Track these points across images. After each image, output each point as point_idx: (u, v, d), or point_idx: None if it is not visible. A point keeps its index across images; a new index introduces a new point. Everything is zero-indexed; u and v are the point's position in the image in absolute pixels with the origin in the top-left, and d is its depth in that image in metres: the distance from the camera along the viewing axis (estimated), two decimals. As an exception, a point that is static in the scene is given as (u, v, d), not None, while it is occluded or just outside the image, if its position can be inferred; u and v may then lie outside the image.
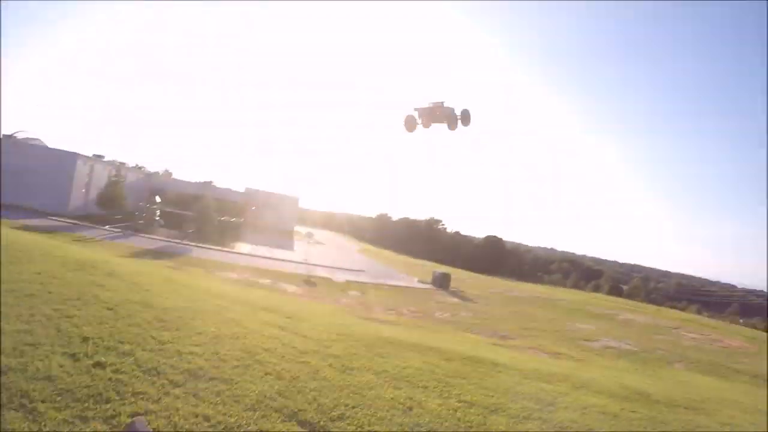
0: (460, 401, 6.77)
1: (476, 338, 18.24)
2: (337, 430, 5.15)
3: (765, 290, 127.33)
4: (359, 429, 5.27)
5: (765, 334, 49.20)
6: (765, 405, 12.57)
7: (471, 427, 5.94)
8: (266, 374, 6.30)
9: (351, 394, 6.18)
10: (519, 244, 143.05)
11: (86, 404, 4.62)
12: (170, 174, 75.02)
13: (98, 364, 5.50)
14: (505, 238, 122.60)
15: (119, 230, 32.74)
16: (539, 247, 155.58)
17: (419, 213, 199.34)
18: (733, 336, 33.02)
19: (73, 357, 5.60)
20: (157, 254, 24.07)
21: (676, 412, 8.77)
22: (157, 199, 42.98)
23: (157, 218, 38.95)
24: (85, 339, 6.23)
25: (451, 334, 17.86)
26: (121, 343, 6.34)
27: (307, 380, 6.39)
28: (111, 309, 7.82)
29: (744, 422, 9.11)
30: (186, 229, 35.61)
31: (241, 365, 6.42)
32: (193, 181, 66.64)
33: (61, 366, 5.29)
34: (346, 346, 8.46)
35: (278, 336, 8.44)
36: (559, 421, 6.75)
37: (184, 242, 32.35)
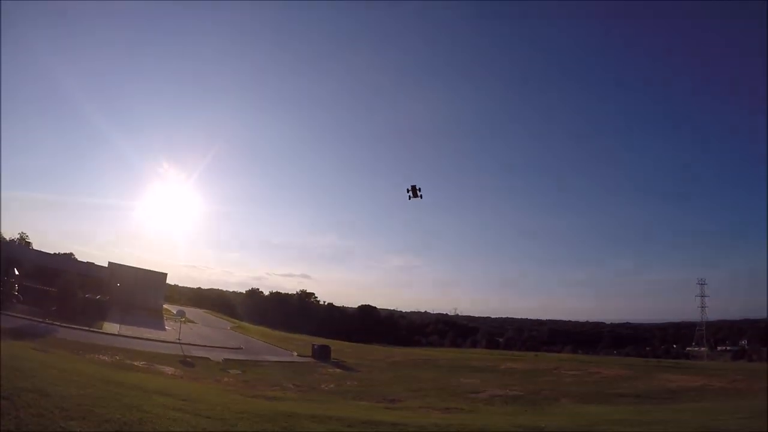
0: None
1: (367, 405, 19.24)
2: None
3: (631, 322, 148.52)
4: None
5: (639, 359, 56.21)
6: (647, 417, 15.32)
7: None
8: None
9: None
10: (393, 310, 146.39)
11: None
12: (28, 243, 66.38)
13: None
14: (378, 306, 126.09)
15: None
16: (414, 312, 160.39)
17: (291, 286, 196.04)
18: (610, 366, 37.96)
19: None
20: (19, 334, 21.66)
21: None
22: (15, 271, 38.03)
23: (16, 293, 34.44)
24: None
25: (342, 404, 18.73)
26: (34, 435, 6.52)
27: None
28: (7, 399, 7.75)
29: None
30: (48, 307, 32.03)
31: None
32: (52, 252, 62.43)
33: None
34: (251, 423, 9.28)
35: (183, 418, 8.94)
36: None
37: (47, 321, 29.13)
